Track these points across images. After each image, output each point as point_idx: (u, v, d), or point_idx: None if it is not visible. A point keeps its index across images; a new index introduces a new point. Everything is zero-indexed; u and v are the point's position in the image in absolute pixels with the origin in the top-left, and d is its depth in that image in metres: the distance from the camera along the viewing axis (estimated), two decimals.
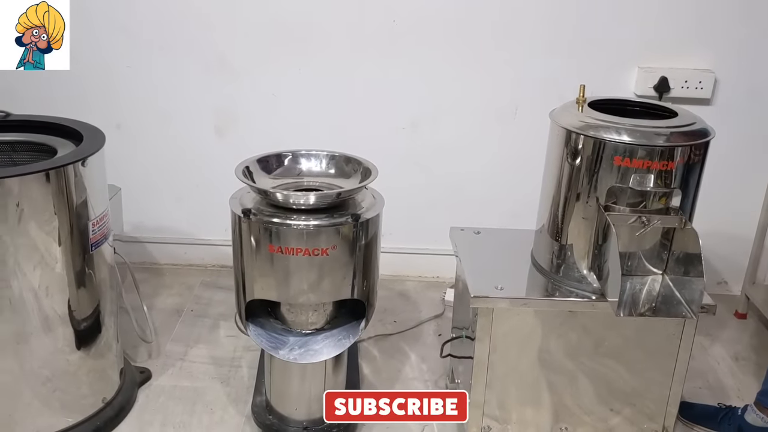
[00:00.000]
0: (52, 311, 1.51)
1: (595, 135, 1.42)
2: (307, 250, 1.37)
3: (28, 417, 1.55)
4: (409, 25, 2.12)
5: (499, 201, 2.30)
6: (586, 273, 1.49)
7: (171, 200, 2.36)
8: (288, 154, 1.55)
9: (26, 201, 1.40)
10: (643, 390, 1.57)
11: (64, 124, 1.65)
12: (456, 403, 1.51)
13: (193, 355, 1.95)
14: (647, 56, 2.16)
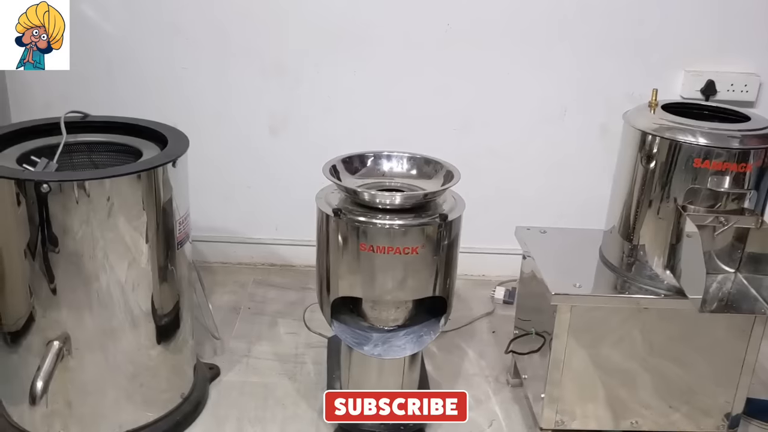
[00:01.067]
0: (137, 307, 1.54)
1: (671, 137, 1.47)
2: (398, 249, 1.41)
3: (112, 412, 1.59)
4: (463, 29, 2.17)
5: (548, 201, 2.35)
6: (659, 271, 1.53)
7: (222, 199, 2.40)
8: (371, 154, 1.59)
9: (117, 198, 1.44)
10: (709, 388, 1.61)
11: (143, 125, 1.69)
12: (456, 403, 1.54)
13: (256, 351, 1.98)
14: (693, 59, 2.22)
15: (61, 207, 1.39)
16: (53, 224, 1.40)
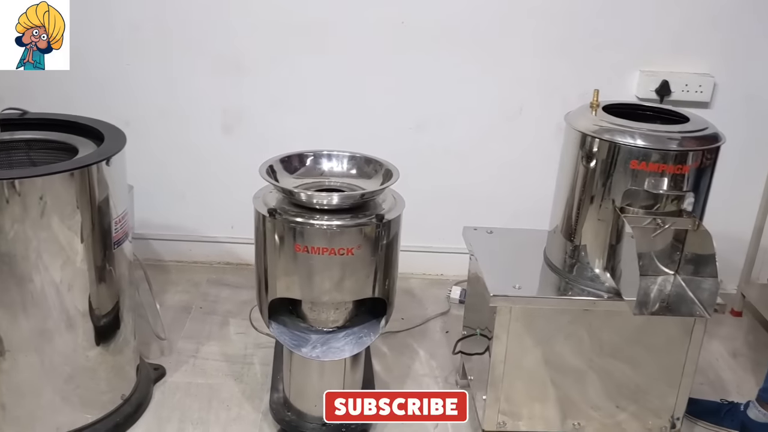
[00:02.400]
0: (74, 307, 1.52)
1: (610, 139, 1.46)
2: (333, 250, 1.40)
3: (49, 414, 1.56)
4: (418, 27, 2.15)
5: (503, 200, 2.35)
6: (599, 272, 1.53)
7: (176, 198, 2.37)
8: (310, 154, 1.57)
9: (50, 197, 1.41)
10: (652, 387, 1.61)
11: (82, 122, 1.66)
12: (456, 403, 1.52)
13: (205, 352, 1.96)
14: (649, 60, 2.22)
15: None
16: None
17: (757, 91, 2.22)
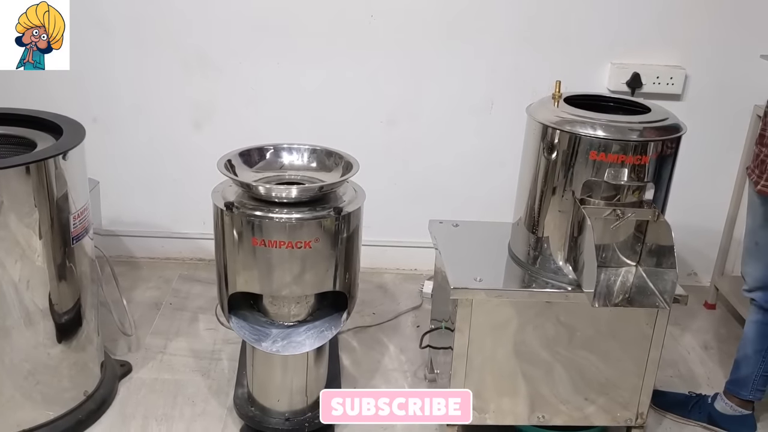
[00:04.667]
0: (33, 305, 1.51)
1: (570, 130, 1.45)
2: (290, 243, 1.39)
3: (9, 411, 1.55)
4: (387, 20, 2.14)
5: (476, 194, 2.34)
6: (562, 265, 1.52)
7: (148, 194, 2.36)
8: (270, 147, 1.56)
9: (6, 194, 1.40)
10: (618, 379, 1.60)
11: (43, 117, 1.64)
12: (459, 403, 1.48)
13: (173, 348, 1.95)
14: (620, 52, 2.21)
15: None
16: None
17: (729, 83, 2.21)
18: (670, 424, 1.78)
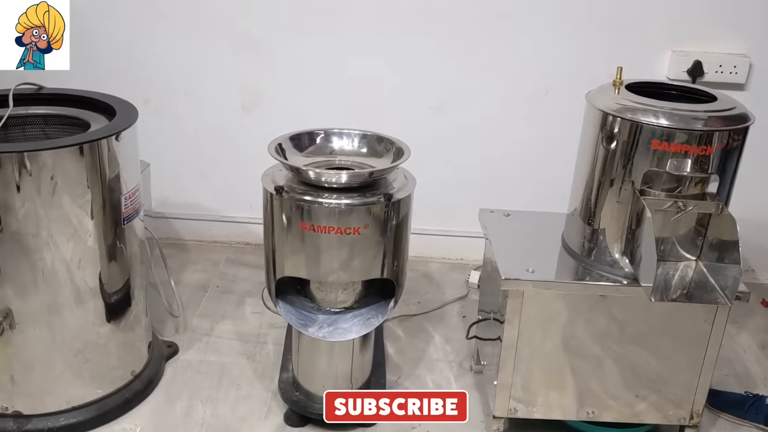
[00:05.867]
0: (84, 284, 1.52)
1: (632, 118, 1.40)
2: (339, 229, 1.37)
3: (59, 387, 1.57)
4: (439, 3, 2.10)
5: (527, 183, 2.29)
6: (618, 257, 1.47)
7: (196, 176, 2.37)
8: (320, 132, 1.54)
9: (60, 174, 1.41)
10: (672, 377, 1.55)
11: (97, 98, 1.65)
12: (456, 403, 1.51)
13: (219, 330, 1.96)
14: (681, 40, 2.13)
15: (1, 183, 1.37)
16: None
17: None
18: (724, 424, 1.72)
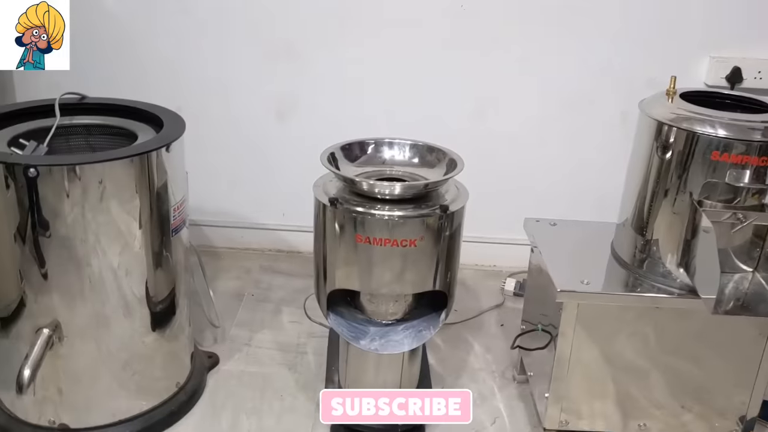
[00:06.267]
0: (131, 292, 1.50)
1: (688, 128, 1.39)
2: (395, 241, 1.35)
3: (105, 400, 1.56)
4: (477, 11, 2.09)
5: (561, 191, 2.27)
6: (672, 268, 1.46)
7: (228, 183, 2.35)
8: (371, 141, 1.52)
9: (109, 182, 1.39)
10: (722, 388, 1.54)
11: (140, 108, 1.65)
12: (459, 403, 1.49)
13: (258, 340, 1.94)
14: (719, 45, 2.11)
15: (51, 191, 1.36)
16: (43, 208, 1.36)
17: None
18: None
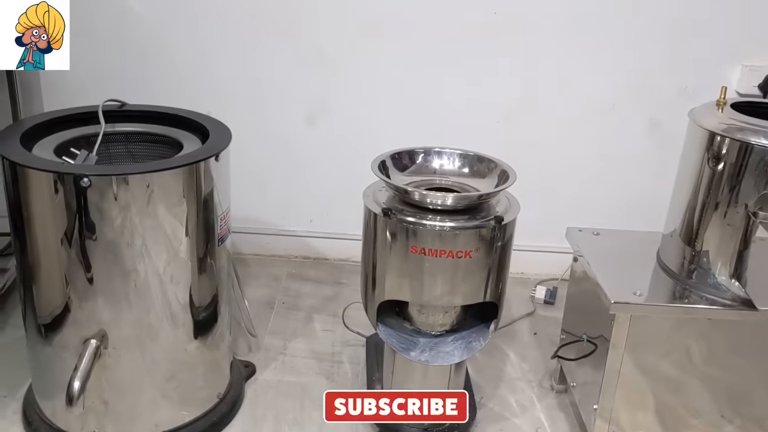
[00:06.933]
0: (175, 298, 1.48)
1: (742, 138, 1.38)
2: (451, 252, 1.34)
3: (148, 411, 1.54)
4: (508, 18, 2.08)
5: (589, 198, 2.27)
6: (724, 280, 1.45)
7: (256, 189, 2.33)
8: (420, 150, 1.51)
9: (157, 189, 1.38)
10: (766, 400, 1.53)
11: (182, 115, 1.63)
12: (456, 403, 1.50)
13: (292, 349, 1.93)
14: (751, 53, 2.11)
15: (99, 198, 1.34)
16: (91, 212, 1.34)
17: None
18: None
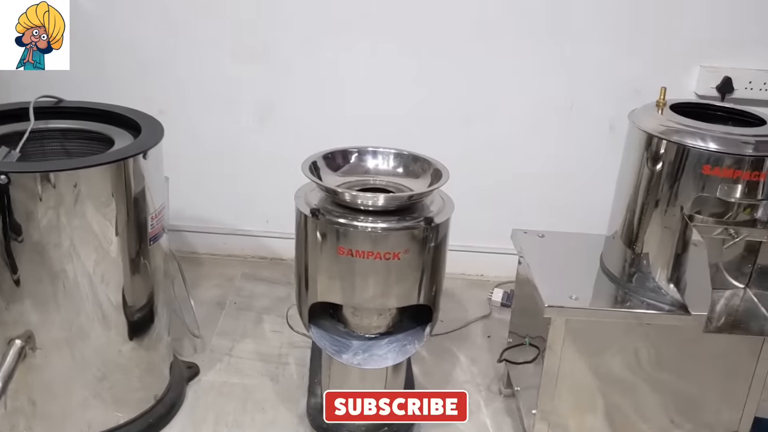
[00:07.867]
0: (107, 299, 1.46)
1: (679, 141, 1.36)
2: (379, 254, 1.32)
3: (80, 412, 1.51)
4: (463, 17, 2.05)
5: (548, 200, 2.25)
6: (663, 284, 1.43)
7: (211, 189, 2.31)
8: (354, 150, 1.49)
9: (84, 188, 1.35)
10: (712, 404, 1.51)
11: (118, 112, 1.60)
12: (456, 403, 1.49)
13: (239, 350, 1.90)
14: (710, 55, 2.09)
15: (23, 196, 1.31)
16: (15, 212, 1.32)
17: None
18: None
